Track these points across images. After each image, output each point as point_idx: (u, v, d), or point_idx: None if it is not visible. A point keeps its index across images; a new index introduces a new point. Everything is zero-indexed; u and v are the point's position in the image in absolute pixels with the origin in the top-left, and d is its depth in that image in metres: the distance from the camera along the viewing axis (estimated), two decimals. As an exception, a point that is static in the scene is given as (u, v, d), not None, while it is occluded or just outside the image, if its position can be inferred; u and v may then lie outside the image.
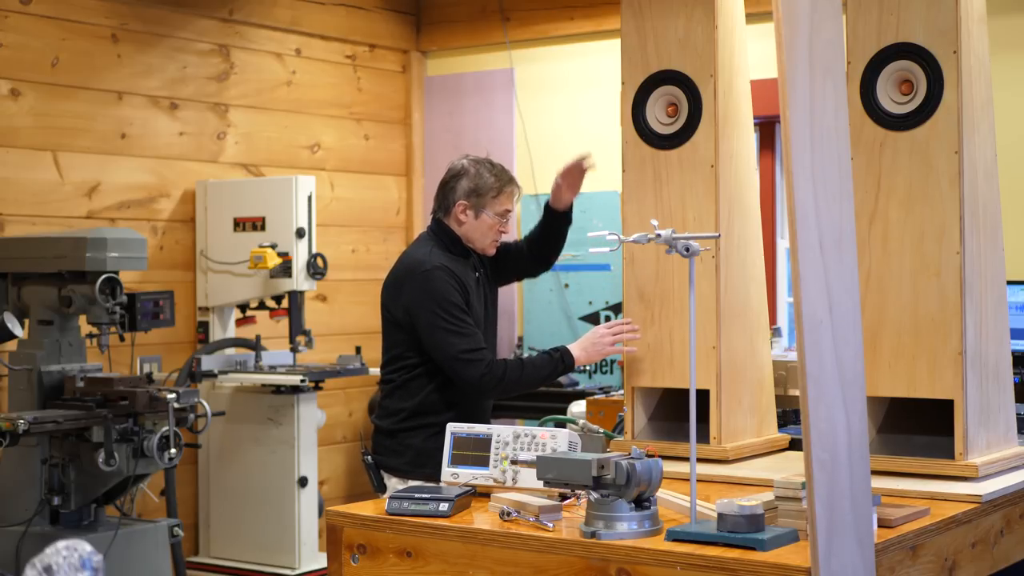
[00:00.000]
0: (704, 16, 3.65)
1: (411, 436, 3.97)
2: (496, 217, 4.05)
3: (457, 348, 3.87)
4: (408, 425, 3.98)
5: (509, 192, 4.07)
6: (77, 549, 1.79)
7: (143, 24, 6.10)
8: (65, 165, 5.80)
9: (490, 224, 4.05)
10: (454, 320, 3.88)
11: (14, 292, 5.13)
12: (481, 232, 4.05)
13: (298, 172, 6.60)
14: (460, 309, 3.90)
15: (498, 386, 3.89)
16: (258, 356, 6.06)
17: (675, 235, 2.93)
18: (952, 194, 3.32)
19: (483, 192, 4.03)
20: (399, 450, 3.99)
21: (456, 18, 7.25)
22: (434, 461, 3.84)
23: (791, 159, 2.52)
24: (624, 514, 2.76)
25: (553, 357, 3.93)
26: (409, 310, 3.94)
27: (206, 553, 6.23)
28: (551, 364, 3.92)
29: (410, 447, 3.97)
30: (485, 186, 4.03)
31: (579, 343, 3.96)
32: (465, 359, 3.87)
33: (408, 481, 3.94)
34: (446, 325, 3.88)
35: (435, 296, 3.90)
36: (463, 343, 3.87)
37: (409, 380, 3.99)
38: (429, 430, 3.94)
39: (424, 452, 3.93)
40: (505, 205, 4.06)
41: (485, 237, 4.06)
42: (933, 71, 3.34)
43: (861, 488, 2.61)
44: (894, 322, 3.40)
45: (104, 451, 4.72)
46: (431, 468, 3.86)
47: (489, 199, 4.03)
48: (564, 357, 3.92)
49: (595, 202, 6.78)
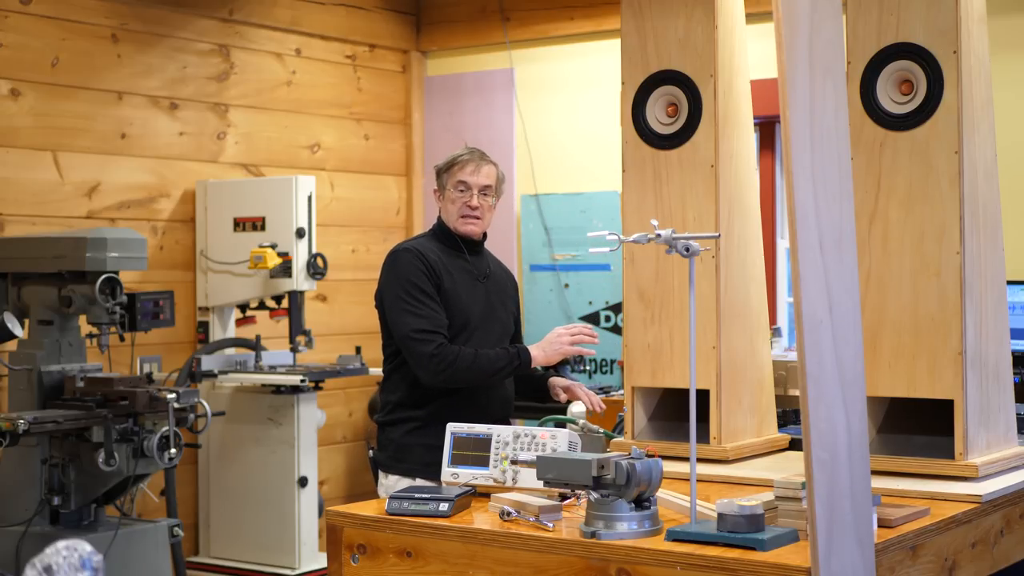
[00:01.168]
0: (704, 16, 3.65)
1: (393, 430, 3.96)
2: (455, 191, 3.99)
3: (410, 327, 3.83)
4: (392, 418, 3.96)
5: (461, 163, 4.01)
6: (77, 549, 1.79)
7: (143, 24, 6.10)
8: (65, 165, 5.80)
9: (451, 198, 4.00)
10: (412, 300, 3.84)
11: (14, 292, 5.13)
12: (446, 209, 4.03)
13: (298, 172, 6.60)
14: (420, 290, 3.85)
15: (446, 371, 3.80)
16: (258, 356, 6.06)
17: (675, 235, 2.93)
18: (952, 194, 3.33)
19: (442, 171, 4.04)
20: (384, 444, 3.99)
21: (456, 18, 7.25)
22: (413, 456, 3.85)
23: (791, 159, 2.52)
24: (624, 514, 2.76)
25: (509, 352, 3.89)
26: (380, 292, 3.96)
27: (206, 553, 6.23)
28: (506, 358, 3.86)
29: (392, 441, 3.96)
30: (444, 165, 4.04)
31: (538, 344, 3.94)
32: (416, 338, 3.81)
33: (390, 476, 3.94)
34: (403, 305, 3.85)
35: (397, 276, 3.89)
36: (416, 323, 3.82)
37: (392, 371, 3.99)
38: (408, 424, 3.92)
39: (403, 447, 3.91)
40: (457, 176, 3.99)
41: (451, 214, 4.01)
42: (933, 71, 3.34)
43: (861, 488, 2.61)
44: (894, 322, 3.40)
45: (104, 451, 4.72)
46: (410, 463, 3.87)
47: (444, 175, 4.03)
48: (521, 354, 3.89)
49: (595, 202, 6.79)
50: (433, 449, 3.81)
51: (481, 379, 3.88)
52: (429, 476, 3.74)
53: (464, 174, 3.99)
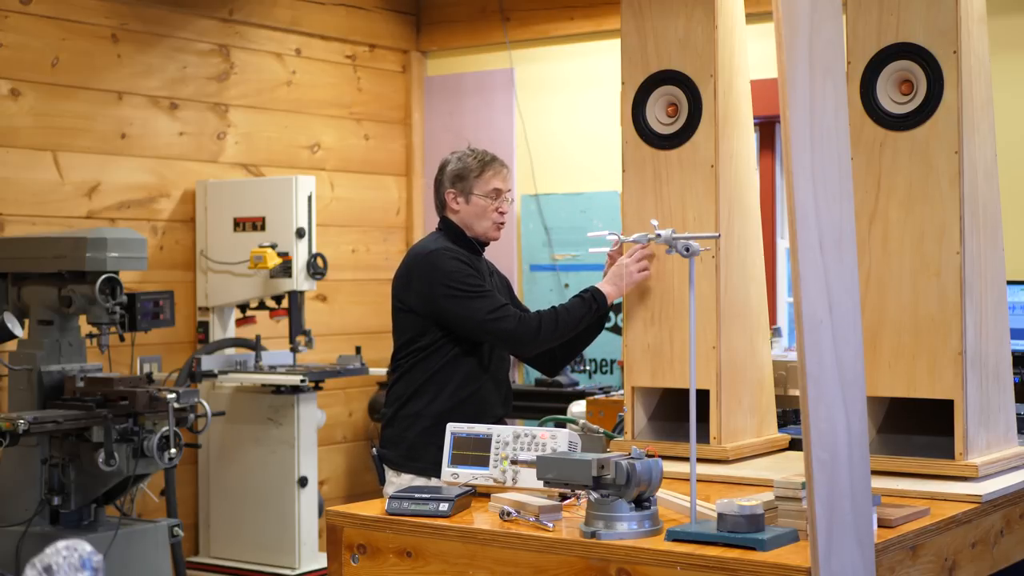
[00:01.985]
0: (704, 16, 3.65)
1: (406, 428, 3.96)
2: (487, 198, 4.01)
3: (483, 311, 3.87)
4: (404, 415, 3.97)
5: (494, 169, 4.03)
6: (77, 549, 1.79)
7: (143, 24, 6.10)
8: (65, 165, 5.80)
9: (483, 206, 4.01)
10: (470, 287, 3.89)
11: (14, 292, 5.13)
12: (476, 216, 4.02)
13: (298, 172, 6.60)
14: (473, 277, 3.90)
15: (537, 336, 3.87)
16: (258, 356, 6.06)
17: (675, 235, 2.93)
18: (952, 194, 3.32)
19: (466, 175, 4.02)
20: (395, 441, 3.99)
21: (456, 18, 7.25)
22: (428, 455, 3.84)
23: (791, 159, 2.52)
24: (624, 514, 2.76)
25: (584, 298, 3.91)
26: (424, 295, 3.93)
27: (206, 553, 6.23)
28: (584, 306, 3.90)
29: (404, 439, 3.97)
30: (467, 168, 4.02)
31: (607, 279, 3.91)
32: (494, 318, 3.87)
33: (401, 475, 3.94)
34: (464, 293, 3.88)
35: (445, 272, 3.91)
36: (487, 304, 3.88)
37: (405, 371, 3.99)
38: (423, 422, 3.92)
39: (417, 445, 3.92)
40: (492, 183, 4.01)
41: (481, 220, 4.02)
42: (933, 71, 3.34)
43: (861, 488, 2.61)
44: (894, 322, 3.39)
45: (104, 451, 4.72)
46: (424, 463, 3.87)
47: (473, 180, 4.01)
48: (595, 296, 3.90)
49: (595, 202, 6.79)
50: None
51: (570, 332, 3.94)
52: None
53: (498, 181, 4.03)
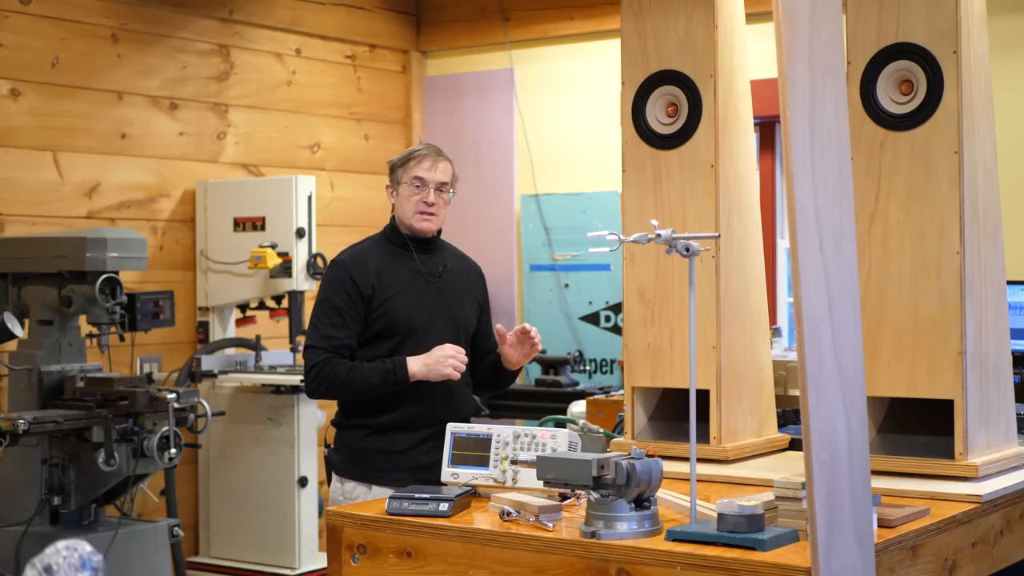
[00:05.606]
0: (704, 16, 3.65)
1: (349, 434, 3.91)
2: (411, 187, 3.90)
3: (308, 338, 3.87)
4: (346, 423, 3.92)
5: (417, 159, 3.92)
6: (77, 549, 1.79)
7: (143, 24, 6.10)
8: (65, 165, 5.80)
9: (406, 195, 3.91)
10: (322, 314, 3.85)
11: (14, 292, 5.13)
12: (400, 205, 3.94)
13: (298, 172, 6.60)
14: (332, 306, 3.84)
15: (322, 385, 3.80)
16: (258, 356, 6.06)
17: (675, 235, 2.93)
18: (952, 194, 3.32)
19: (395, 167, 3.96)
20: (339, 447, 3.94)
21: (456, 18, 7.25)
22: (367, 462, 3.81)
23: (791, 159, 2.52)
24: (624, 514, 2.76)
25: (385, 367, 3.79)
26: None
27: (206, 553, 6.23)
28: (380, 374, 3.77)
29: (347, 445, 3.91)
30: (398, 160, 3.97)
31: (422, 358, 3.79)
32: (308, 344, 3.85)
33: (345, 482, 3.88)
34: (313, 314, 3.89)
35: (323, 286, 3.93)
36: (313, 336, 3.84)
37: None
38: (363, 431, 3.87)
39: (359, 452, 3.86)
40: (414, 171, 3.90)
41: (406, 210, 3.92)
42: (933, 71, 3.34)
43: (861, 488, 2.61)
44: (894, 322, 3.40)
45: (104, 451, 4.72)
46: (366, 469, 3.82)
47: (399, 169, 3.94)
48: (397, 369, 3.77)
49: (595, 202, 6.79)
50: (391, 455, 3.81)
51: (358, 393, 3.81)
52: (386, 483, 3.74)
53: (421, 170, 3.90)
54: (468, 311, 4.01)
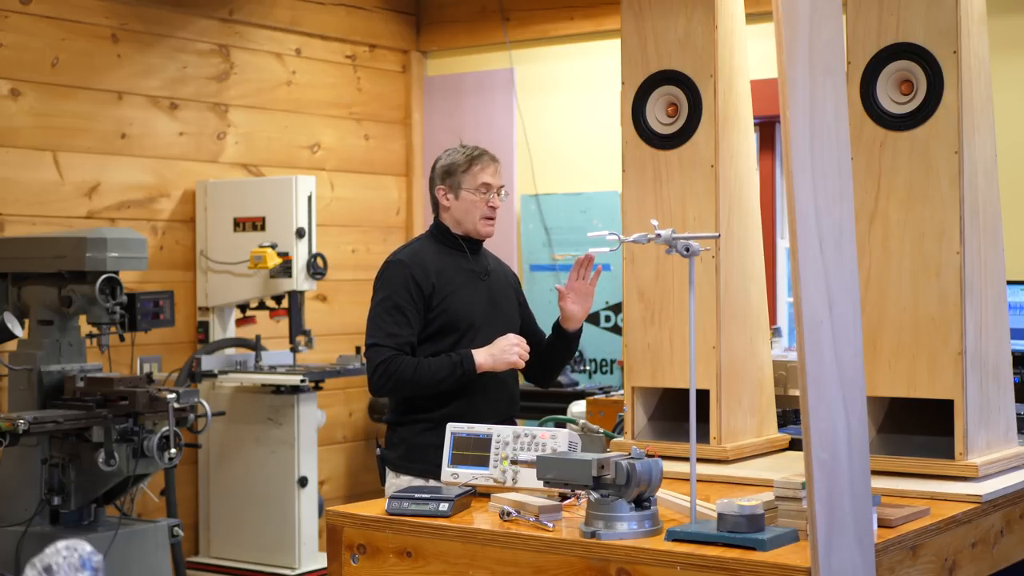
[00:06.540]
0: (704, 16, 3.65)
1: (405, 429, 3.96)
2: (476, 192, 3.98)
3: (371, 336, 3.89)
4: (404, 418, 3.96)
5: (482, 164, 3.99)
6: (77, 549, 1.79)
7: (143, 24, 6.10)
8: (65, 165, 5.80)
9: (472, 200, 3.98)
10: (384, 314, 3.88)
11: (14, 292, 5.13)
12: (465, 211, 3.99)
13: (298, 172, 6.60)
14: (395, 306, 3.88)
15: (388, 382, 3.84)
16: (258, 356, 6.06)
17: (675, 235, 2.93)
18: (952, 194, 3.32)
19: (454, 170, 4.00)
20: (395, 443, 3.99)
21: (456, 18, 7.25)
22: (425, 457, 3.84)
23: (791, 159, 2.52)
24: (624, 514, 2.76)
25: (452, 360, 3.85)
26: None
27: (206, 553, 6.23)
28: (448, 367, 3.84)
29: (403, 440, 3.96)
30: (454, 164, 4.00)
31: (488, 348, 3.88)
32: (371, 343, 3.88)
33: (400, 476, 3.94)
34: (374, 313, 3.91)
35: (382, 286, 3.94)
36: (376, 335, 3.87)
37: None
38: (421, 424, 3.92)
39: (416, 447, 3.91)
40: (480, 177, 3.97)
41: (470, 215, 3.98)
42: (933, 71, 3.34)
43: (861, 488, 2.61)
44: (894, 322, 3.39)
45: (104, 451, 4.72)
46: (423, 464, 3.85)
47: (461, 175, 3.98)
48: (464, 360, 3.85)
49: (595, 202, 6.79)
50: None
51: (425, 388, 3.86)
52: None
53: (487, 175, 3.99)
54: (512, 310, 4.12)
